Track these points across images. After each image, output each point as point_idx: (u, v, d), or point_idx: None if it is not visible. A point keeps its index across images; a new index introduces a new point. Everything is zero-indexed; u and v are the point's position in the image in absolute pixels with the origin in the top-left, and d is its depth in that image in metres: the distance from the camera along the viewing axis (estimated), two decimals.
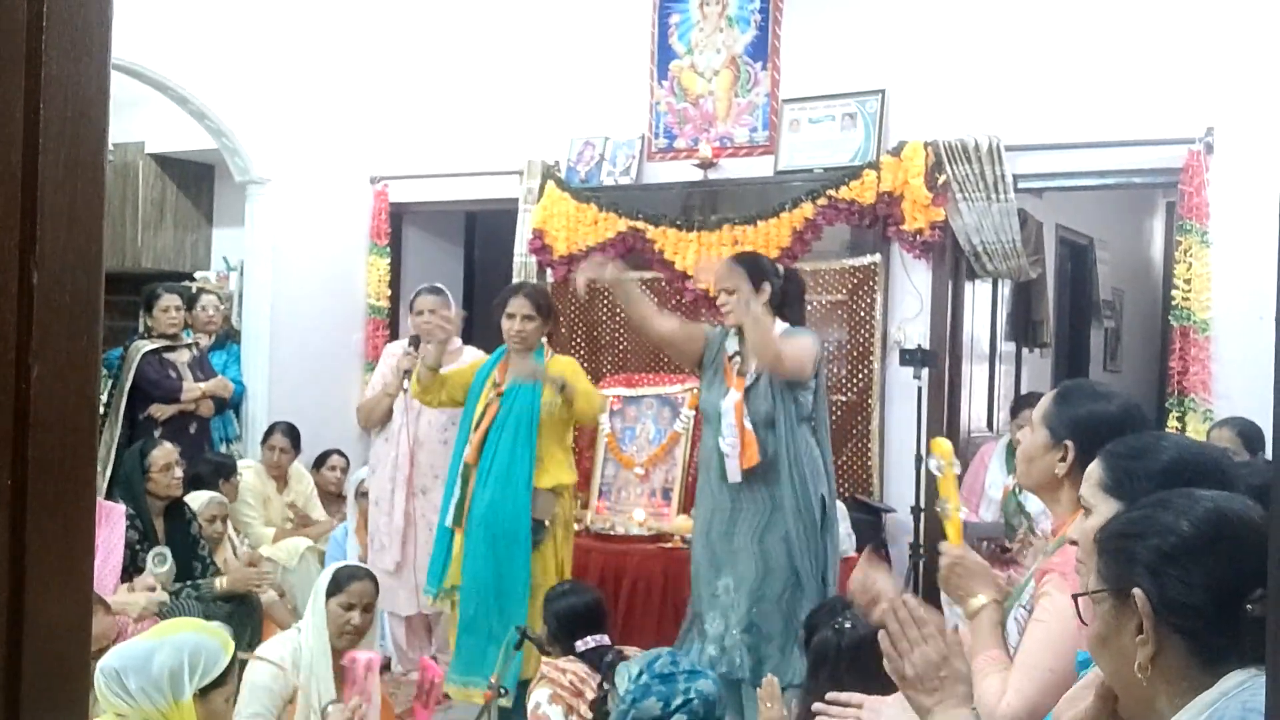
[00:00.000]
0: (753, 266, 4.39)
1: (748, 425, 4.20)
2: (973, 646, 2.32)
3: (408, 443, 5.31)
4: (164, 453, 4.82)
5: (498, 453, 4.72)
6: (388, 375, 5.47)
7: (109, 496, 4.83)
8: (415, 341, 5.24)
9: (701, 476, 4.48)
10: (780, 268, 4.59)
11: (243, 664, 3.30)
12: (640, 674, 2.89)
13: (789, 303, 4.42)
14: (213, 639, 2.82)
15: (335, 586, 3.78)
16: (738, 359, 4.37)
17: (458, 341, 5.39)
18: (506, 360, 4.86)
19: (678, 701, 2.79)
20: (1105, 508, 1.93)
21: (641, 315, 4.60)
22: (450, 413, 5.27)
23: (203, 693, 2.72)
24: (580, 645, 3.71)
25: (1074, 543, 2.02)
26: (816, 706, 2.28)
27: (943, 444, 2.79)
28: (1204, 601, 1.44)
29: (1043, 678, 2.16)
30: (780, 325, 4.30)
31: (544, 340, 4.89)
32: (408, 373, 5.17)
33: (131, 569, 4.50)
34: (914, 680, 1.79)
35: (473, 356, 5.29)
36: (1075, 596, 1.62)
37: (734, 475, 4.23)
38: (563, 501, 4.82)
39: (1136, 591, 1.46)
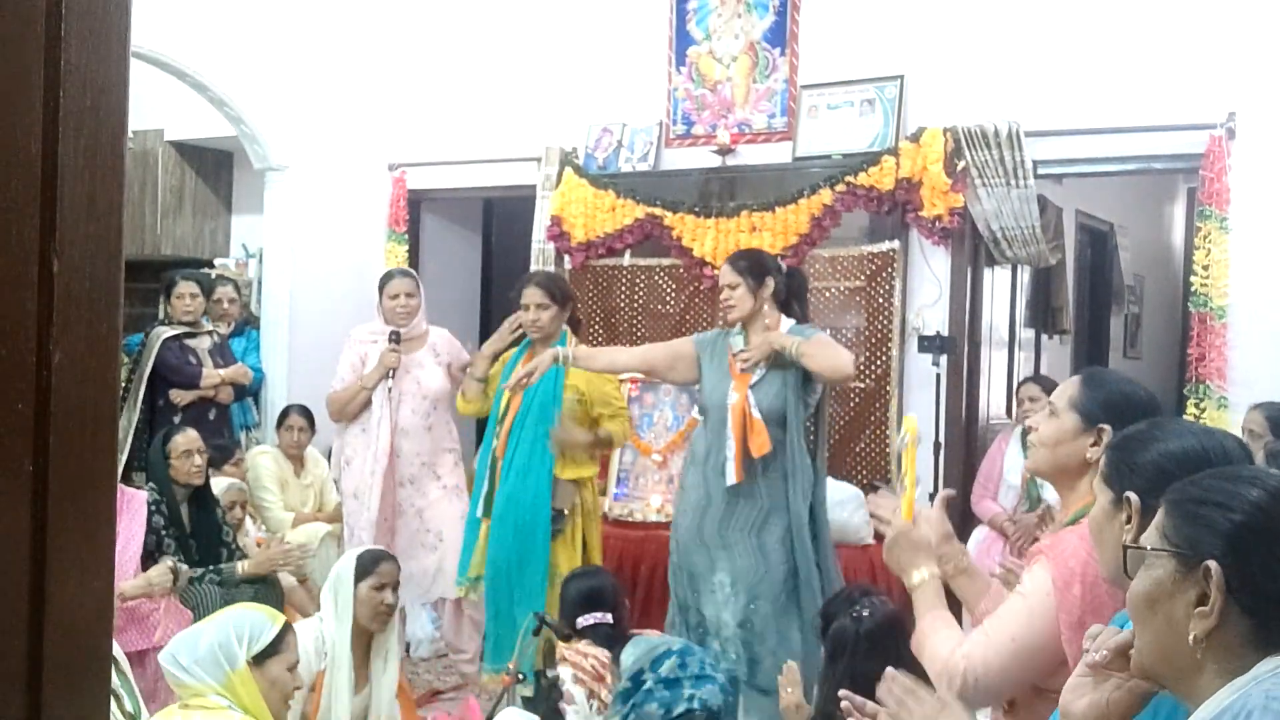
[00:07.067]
0: (753, 263, 4.33)
1: (755, 415, 4.11)
2: (918, 612, 2.41)
3: (389, 434, 5.22)
4: (185, 439, 4.76)
5: (519, 445, 4.74)
6: (358, 365, 5.33)
7: (126, 481, 4.81)
8: (396, 336, 5.20)
9: (693, 469, 4.36)
10: (783, 265, 4.52)
11: None
12: (642, 673, 2.84)
13: (794, 299, 4.34)
14: (259, 613, 3.05)
15: (364, 570, 3.78)
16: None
17: (424, 325, 5.39)
18: (531, 352, 4.86)
19: (680, 710, 2.74)
20: (1103, 498, 1.94)
21: (608, 364, 4.63)
22: (432, 398, 5.28)
23: (259, 661, 2.93)
24: (580, 622, 3.71)
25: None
26: (844, 699, 2.27)
27: (911, 420, 2.82)
28: (1277, 583, 1.40)
29: (1004, 644, 2.19)
30: (786, 322, 4.25)
31: (566, 328, 4.89)
32: (393, 370, 5.18)
33: (156, 555, 4.49)
34: None
35: (437, 335, 5.36)
36: (1126, 548, 1.56)
37: (731, 478, 4.13)
38: (584, 491, 4.82)
39: (1212, 564, 1.40)
